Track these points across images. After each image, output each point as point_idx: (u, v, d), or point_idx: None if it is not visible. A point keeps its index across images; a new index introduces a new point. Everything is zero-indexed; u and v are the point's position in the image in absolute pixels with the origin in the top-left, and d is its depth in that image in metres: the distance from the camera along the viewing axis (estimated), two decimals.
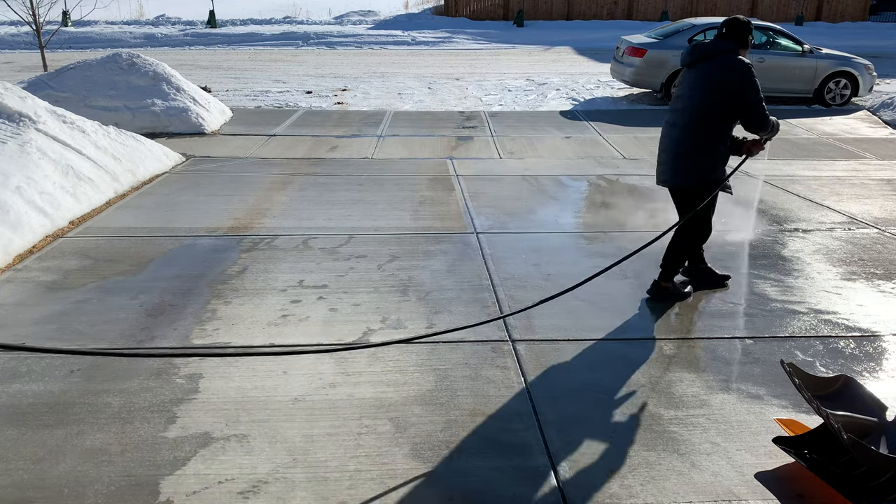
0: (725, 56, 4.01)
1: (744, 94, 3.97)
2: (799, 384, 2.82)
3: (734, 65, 3.97)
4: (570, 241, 5.43)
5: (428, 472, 2.80)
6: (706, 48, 4.09)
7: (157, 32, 22.98)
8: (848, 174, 7.81)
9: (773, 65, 11.88)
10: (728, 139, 4.18)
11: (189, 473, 2.76)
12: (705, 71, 4.06)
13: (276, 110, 11.38)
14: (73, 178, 6.07)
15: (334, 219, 5.92)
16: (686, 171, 4.20)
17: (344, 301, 4.34)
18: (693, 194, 4.22)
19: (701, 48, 4.11)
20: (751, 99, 3.97)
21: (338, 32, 24.14)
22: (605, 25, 26.25)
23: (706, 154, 4.13)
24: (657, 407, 3.27)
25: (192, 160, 7.94)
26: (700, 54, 4.10)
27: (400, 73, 16.21)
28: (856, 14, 29.20)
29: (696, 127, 4.10)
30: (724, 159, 4.20)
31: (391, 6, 33.52)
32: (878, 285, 4.74)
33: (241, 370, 3.52)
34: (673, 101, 4.33)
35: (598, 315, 4.23)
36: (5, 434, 2.99)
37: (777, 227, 5.90)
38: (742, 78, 3.95)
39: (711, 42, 4.11)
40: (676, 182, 4.29)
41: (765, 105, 4.04)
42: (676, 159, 4.20)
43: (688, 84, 4.17)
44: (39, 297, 4.33)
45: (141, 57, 10.36)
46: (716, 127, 4.09)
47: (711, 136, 4.10)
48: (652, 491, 2.71)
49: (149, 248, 5.19)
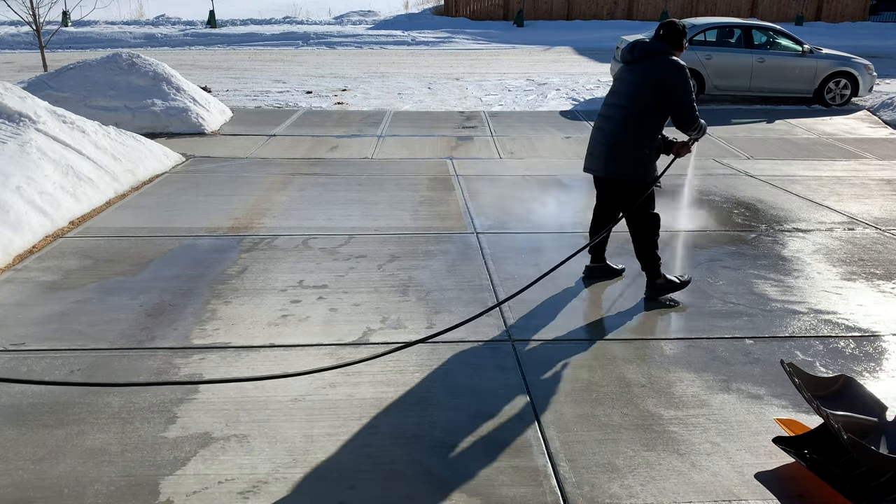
0: (661, 56, 4.16)
1: (676, 93, 4.12)
2: (799, 384, 2.82)
3: (669, 65, 4.12)
4: (571, 241, 5.42)
5: (428, 472, 2.80)
6: (644, 48, 4.23)
7: (157, 32, 22.98)
8: (848, 174, 7.82)
9: (773, 65, 11.89)
10: (658, 136, 4.32)
11: (189, 473, 2.76)
12: (642, 70, 4.20)
13: (276, 110, 11.38)
14: (73, 178, 6.07)
15: (334, 219, 5.92)
16: (616, 164, 4.33)
17: (344, 301, 4.34)
18: (621, 188, 4.39)
19: (640, 47, 4.25)
20: (682, 97, 4.13)
21: (338, 32, 24.15)
22: (605, 25, 26.25)
23: (637, 149, 4.27)
24: (657, 407, 3.27)
25: (192, 160, 7.94)
26: (639, 54, 4.24)
27: (400, 73, 16.21)
28: (856, 14, 29.20)
29: (629, 123, 4.25)
30: (655, 156, 4.35)
31: (391, 6, 33.53)
32: (878, 285, 4.74)
33: (241, 370, 3.52)
34: (609, 95, 4.47)
35: (597, 315, 4.23)
36: (5, 434, 2.99)
37: (777, 227, 5.90)
38: (675, 79, 4.11)
39: (650, 42, 4.25)
40: (607, 172, 4.41)
41: (695, 105, 4.18)
42: (608, 151, 4.34)
43: (624, 81, 4.32)
44: (39, 297, 4.33)
45: (141, 57, 10.37)
46: (647, 124, 4.23)
47: (643, 132, 4.25)
48: (652, 491, 2.71)
49: (149, 248, 5.19)
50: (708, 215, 6.19)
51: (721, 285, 4.68)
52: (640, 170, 4.28)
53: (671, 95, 4.12)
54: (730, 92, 12.14)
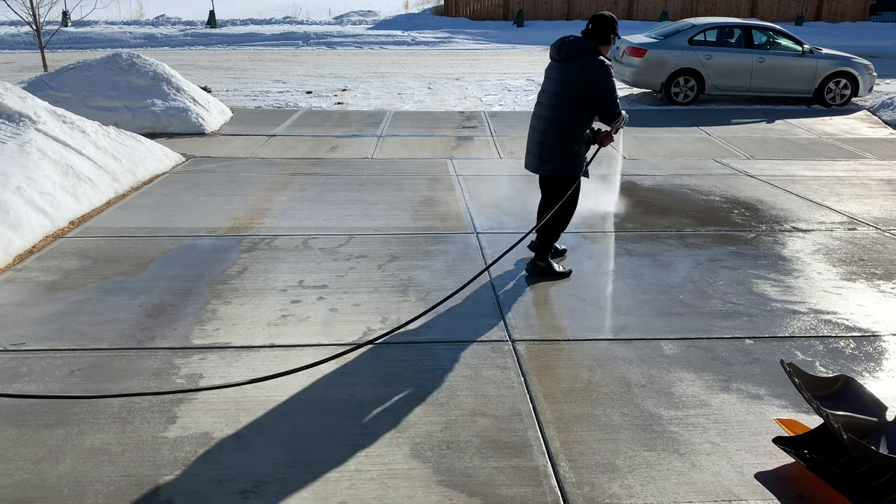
0: (587, 58, 4.34)
1: (601, 94, 4.34)
2: (799, 384, 2.82)
3: (594, 68, 4.31)
4: (570, 241, 5.42)
5: (428, 472, 2.80)
6: (572, 47, 4.40)
7: (157, 32, 22.98)
8: (848, 174, 7.81)
9: (773, 65, 11.89)
10: (587, 131, 4.56)
11: (189, 473, 2.76)
12: (570, 70, 4.40)
13: (276, 110, 11.38)
14: (73, 178, 6.07)
15: (334, 219, 5.92)
16: (549, 161, 4.59)
17: (344, 301, 4.34)
18: (556, 182, 4.64)
19: (567, 47, 4.42)
20: (606, 96, 4.35)
21: (338, 32, 24.14)
22: None
23: (568, 146, 4.49)
24: (657, 407, 3.27)
25: (192, 160, 7.94)
26: (566, 53, 4.43)
27: (400, 73, 16.21)
28: (856, 14, 29.20)
29: (558, 121, 4.47)
30: (585, 150, 4.60)
31: (391, 6, 33.53)
32: (878, 285, 4.74)
33: (241, 370, 3.52)
34: (540, 93, 4.69)
35: (598, 315, 4.23)
36: (5, 434, 2.99)
37: (777, 227, 5.90)
38: (600, 81, 4.32)
39: (577, 41, 4.40)
40: (542, 170, 4.69)
41: (617, 101, 4.42)
42: (541, 149, 4.59)
43: (554, 80, 4.53)
44: (39, 297, 4.33)
45: (141, 57, 10.36)
46: (576, 122, 4.46)
47: (572, 130, 4.47)
48: (652, 491, 2.71)
49: (149, 248, 5.19)
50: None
51: (721, 285, 4.68)
52: (570, 166, 4.54)
53: (597, 96, 4.35)
54: (730, 92, 12.14)
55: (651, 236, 5.64)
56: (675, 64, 11.84)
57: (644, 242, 5.48)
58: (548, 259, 4.78)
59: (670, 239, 5.58)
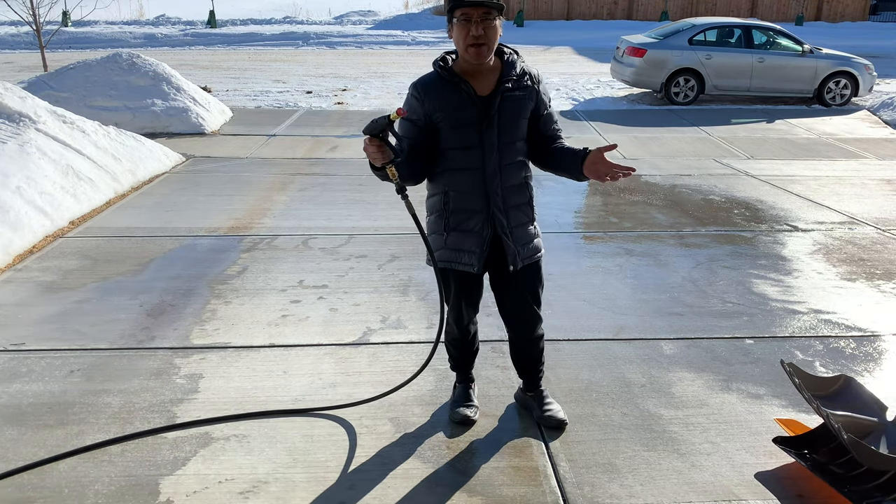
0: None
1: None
2: (799, 384, 2.82)
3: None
4: (571, 241, 5.43)
5: (428, 472, 2.80)
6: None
7: (158, 32, 22.98)
8: (848, 174, 7.82)
9: (773, 65, 11.89)
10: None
11: (189, 473, 2.76)
12: None
13: (276, 110, 11.38)
14: (73, 178, 6.07)
15: (334, 219, 5.92)
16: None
17: (344, 301, 4.34)
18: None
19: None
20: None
21: (338, 32, 24.15)
22: (605, 25, 26.24)
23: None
24: (657, 407, 3.27)
25: (192, 160, 7.94)
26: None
27: (400, 73, 16.20)
28: (856, 14, 29.21)
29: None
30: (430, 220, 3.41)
31: (391, 6, 33.53)
32: (878, 285, 4.74)
33: (241, 370, 3.52)
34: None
35: (598, 315, 4.23)
36: (5, 434, 2.99)
37: (777, 227, 5.90)
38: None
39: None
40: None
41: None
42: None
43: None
44: (39, 297, 4.33)
45: (141, 57, 10.36)
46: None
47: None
48: (652, 491, 2.71)
49: (149, 248, 5.19)
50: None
51: (721, 285, 4.68)
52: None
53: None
54: (730, 92, 12.14)
55: (651, 236, 5.64)
56: (675, 64, 11.84)
57: (644, 242, 5.48)
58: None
59: (670, 239, 5.58)
